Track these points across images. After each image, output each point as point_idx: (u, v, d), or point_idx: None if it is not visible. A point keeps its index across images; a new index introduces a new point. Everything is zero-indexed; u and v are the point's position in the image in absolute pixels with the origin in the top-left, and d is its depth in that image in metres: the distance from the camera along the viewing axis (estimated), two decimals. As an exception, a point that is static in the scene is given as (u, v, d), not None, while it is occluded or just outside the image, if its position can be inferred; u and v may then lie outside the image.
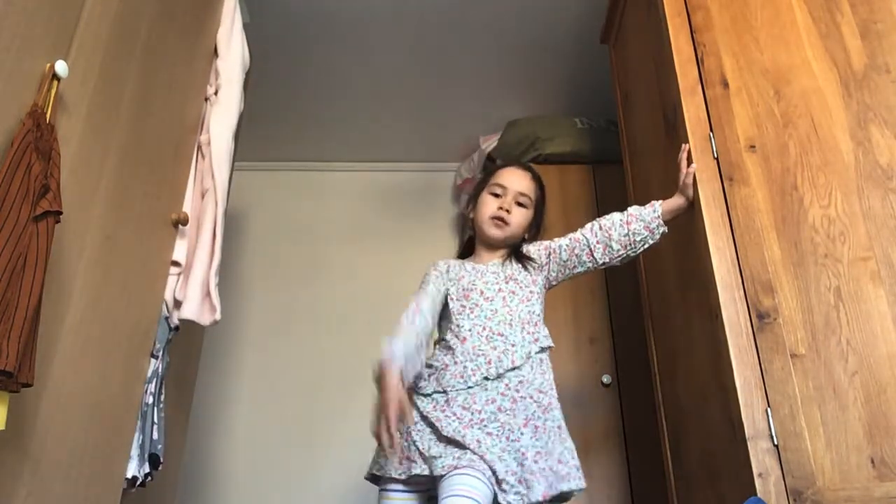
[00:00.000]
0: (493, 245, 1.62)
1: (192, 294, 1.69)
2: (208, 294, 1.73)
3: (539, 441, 1.35)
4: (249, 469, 2.88)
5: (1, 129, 1.01)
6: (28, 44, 1.08)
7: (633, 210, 1.52)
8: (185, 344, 1.91)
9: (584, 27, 2.63)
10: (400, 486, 1.39)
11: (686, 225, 1.55)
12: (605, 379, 2.36)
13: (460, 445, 1.31)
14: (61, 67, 1.12)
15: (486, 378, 1.40)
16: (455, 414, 1.36)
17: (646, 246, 1.51)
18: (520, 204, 1.61)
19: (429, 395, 1.42)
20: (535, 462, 1.31)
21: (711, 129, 1.55)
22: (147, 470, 1.53)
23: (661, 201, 1.52)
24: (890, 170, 1.49)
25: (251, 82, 2.25)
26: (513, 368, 1.41)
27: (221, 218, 1.81)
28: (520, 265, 1.57)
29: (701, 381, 1.54)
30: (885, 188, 1.48)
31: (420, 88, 3.01)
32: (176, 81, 1.70)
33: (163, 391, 1.65)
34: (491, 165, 2.88)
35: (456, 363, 1.43)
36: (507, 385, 1.40)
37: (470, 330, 1.47)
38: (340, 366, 3.05)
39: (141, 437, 1.51)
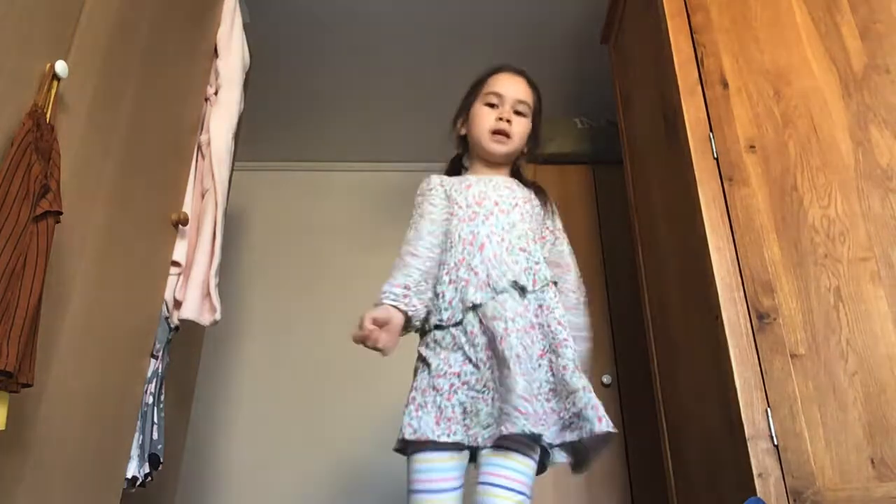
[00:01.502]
0: (493, 162, 1.47)
1: (192, 294, 1.69)
2: (208, 294, 1.73)
3: (554, 378, 1.22)
4: (250, 469, 2.88)
5: (1, 129, 1.01)
6: (28, 44, 1.08)
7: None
8: (185, 344, 1.91)
9: (584, 27, 2.63)
10: (436, 449, 1.22)
11: (686, 225, 1.55)
12: (605, 379, 2.36)
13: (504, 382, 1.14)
14: (61, 67, 1.12)
15: (515, 284, 1.25)
16: (490, 328, 1.21)
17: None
18: (519, 113, 1.46)
19: (458, 323, 1.25)
20: (548, 401, 1.19)
21: (711, 130, 1.55)
22: (147, 470, 1.53)
23: None
24: (890, 170, 1.49)
25: (251, 82, 2.24)
26: (536, 288, 1.27)
27: (221, 218, 1.81)
28: (536, 200, 1.44)
29: (701, 381, 1.54)
30: (885, 188, 1.48)
31: (420, 88, 3.01)
32: (176, 81, 1.70)
33: (163, 391, 1.65)
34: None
35: (477, 273, 1.27)
36: (526, 306, 1.26)
37: (488, 236, 1.31)
38: (340, 365, 3.04)
39: (141, 437, 1.51)
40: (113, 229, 1.38)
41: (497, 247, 1.31)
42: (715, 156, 1.53)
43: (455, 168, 1.56)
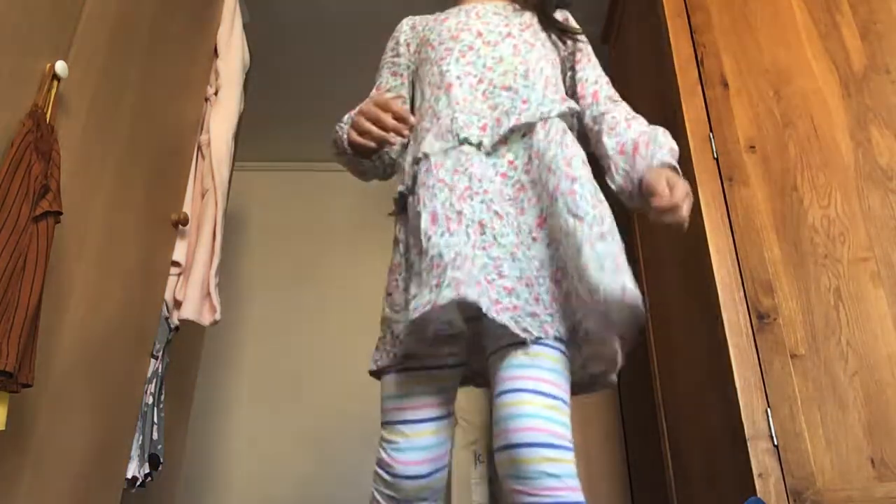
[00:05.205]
0: None
1: (192, 294, 1.69)
2: (208, 294, 1.73)
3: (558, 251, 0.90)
4: (249, 469, 2.88)
5: (1, 129, 1.01)
6: (28, 44, 1.08)
7: (642, 146, 1.06)
8: (185, 344, 1.91)
9: (583, 27, 2.62)
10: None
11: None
12: (605, 379, 2.36)
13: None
14: (61, 67, 1.12)
15: (480, 145, 0.97)
16: (443, 180, 0.93)
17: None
18: None
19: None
20: (556, 283, 0.89)
21: (711, 130, 1.55)
22: (147, 470, 1.53)
23: (667, 157, 1.03)
24: (890, 170, 1.49)
25: (251, 82, 2.24)
26: (521, 135, 0.97)
27: (221, 218, 1.81)
28: (541, 24, 1.14)
29: (701, 381, 1.54)
30: (885, 188, 1.48)
31: (420, 88, 3.01)
32: (176, 81, 1.70)
33: (163, 391, 1.65)
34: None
35: (439, 119, 1.00)
36: (510, 163, 0.96)
37: (459, 77, 1.03)
38: (340, 365, 3.05)
39: (141, 437, 1.51)
40: (113, 229, 1.38)
41: (469, 91, 1.02)
42: (715, 156, 1.53)
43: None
